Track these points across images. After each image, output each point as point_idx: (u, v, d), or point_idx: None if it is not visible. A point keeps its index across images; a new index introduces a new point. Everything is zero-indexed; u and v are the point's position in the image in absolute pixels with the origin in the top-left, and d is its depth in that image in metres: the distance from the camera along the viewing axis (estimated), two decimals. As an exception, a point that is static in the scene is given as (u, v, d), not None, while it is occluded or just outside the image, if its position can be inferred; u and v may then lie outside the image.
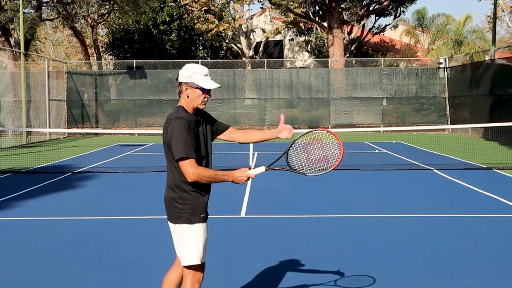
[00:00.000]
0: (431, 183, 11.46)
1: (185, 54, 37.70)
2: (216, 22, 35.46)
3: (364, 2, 32.53)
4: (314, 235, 7.17)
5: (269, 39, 40.02)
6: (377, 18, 36.31)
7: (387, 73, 28.54)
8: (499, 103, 22.57)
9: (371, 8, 33.37)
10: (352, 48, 35.34)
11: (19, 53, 24.25)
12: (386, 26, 37.69)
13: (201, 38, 38.84)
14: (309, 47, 40.49)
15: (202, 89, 3.73)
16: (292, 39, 42.92)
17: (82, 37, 34.46)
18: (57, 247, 6.72)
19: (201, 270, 3.83)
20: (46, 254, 6.44)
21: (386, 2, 32.30)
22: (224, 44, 39.50)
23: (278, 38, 41.88)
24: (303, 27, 39.01)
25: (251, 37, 38.00)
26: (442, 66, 28.13)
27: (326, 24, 32.56)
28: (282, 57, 42.72)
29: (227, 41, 38.26)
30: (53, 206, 9.40)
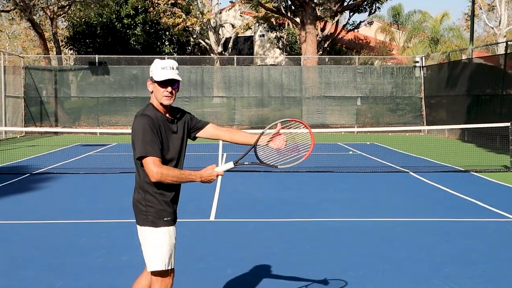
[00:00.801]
0: (407, 186, 11.47)
1: (150, 49, 37.30)
2: (183, 16, 34.78)
3: (338, -2, 31.93)
4: (287, 240, 7.15)
5: (239, 35, 39.47)
6: (351, 14, 36.38)
7: (362, 71, 28.00)
8: (476, 104, 22.15)
9: (346, 3, 33.17)
10: (325, 45, 35.26)
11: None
12: (360, 22, 37.76)
13: (167, 33, 38.43)
14: (280, 44, 40.29)
15: (158, 82, 3.55)
16: (263, 35, 42.74)
17: (41, 30, 33.23)
18: (14, 254, 6.55)
19: (169, 277, 3.68)
20: (2, 261, 6.25)
21: (360, -2, 31.87)
22: (191, 39, 39.03)
23: (248, 34, 41.79)
24: (275, 23, 39.16)
25: (220, 32, 37.28)
26: (418, 65, 27.68)
27: (298, 19, 32.17)
28: (252, 53, 42.81)
29: (195, 36, 37.61)
30: (9, 209, 9.24)
